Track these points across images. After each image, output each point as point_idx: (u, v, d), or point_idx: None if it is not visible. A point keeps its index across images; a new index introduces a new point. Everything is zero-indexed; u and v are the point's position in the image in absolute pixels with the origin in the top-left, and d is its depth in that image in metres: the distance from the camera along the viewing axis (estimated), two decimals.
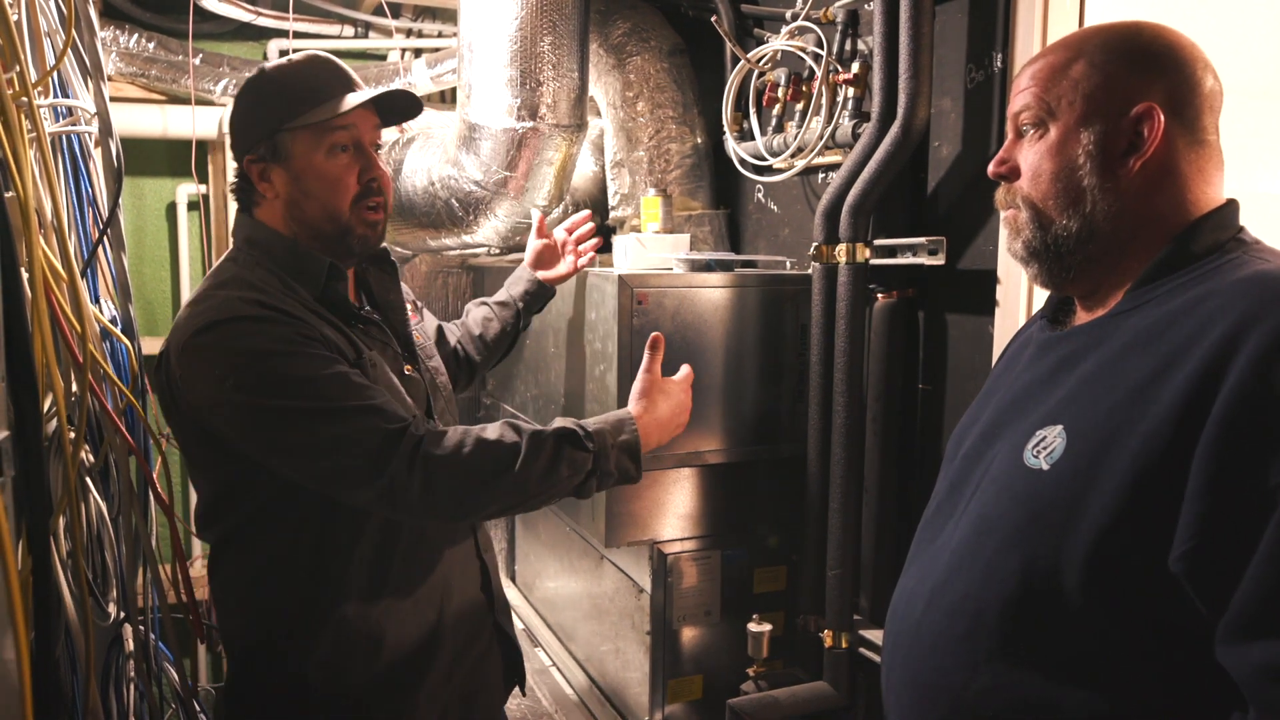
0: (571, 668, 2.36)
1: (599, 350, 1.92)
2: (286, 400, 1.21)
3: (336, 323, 1.34)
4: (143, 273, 3.32)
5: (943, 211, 1.78)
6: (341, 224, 1.34)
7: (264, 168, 1.33)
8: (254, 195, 1.36)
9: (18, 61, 1.38)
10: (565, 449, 1.28)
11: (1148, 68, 0.93)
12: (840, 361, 1.81)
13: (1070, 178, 0.95)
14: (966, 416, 1.14)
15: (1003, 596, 0.91)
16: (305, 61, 1.36)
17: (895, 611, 1.09)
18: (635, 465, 1.35)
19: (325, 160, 1.31)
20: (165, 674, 2.05)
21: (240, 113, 1.36)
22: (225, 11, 3.07)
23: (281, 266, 1.33)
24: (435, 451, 1.22)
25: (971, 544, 0.97)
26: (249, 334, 1.22)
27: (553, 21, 2.14)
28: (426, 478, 1.21)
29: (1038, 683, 0.88)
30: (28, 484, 1.26)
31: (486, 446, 1.25)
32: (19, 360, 1.22)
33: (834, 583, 1.84)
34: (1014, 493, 0.93)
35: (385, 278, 1.48)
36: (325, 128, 1.31)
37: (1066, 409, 0.92)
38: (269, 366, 1.21)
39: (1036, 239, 0.99)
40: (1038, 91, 0.97)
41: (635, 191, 2.42)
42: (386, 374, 1.36)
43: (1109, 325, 0.94)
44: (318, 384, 1.21)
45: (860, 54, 1.91)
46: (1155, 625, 0.83)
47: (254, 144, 1.33)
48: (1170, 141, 0.92)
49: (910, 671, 1.03)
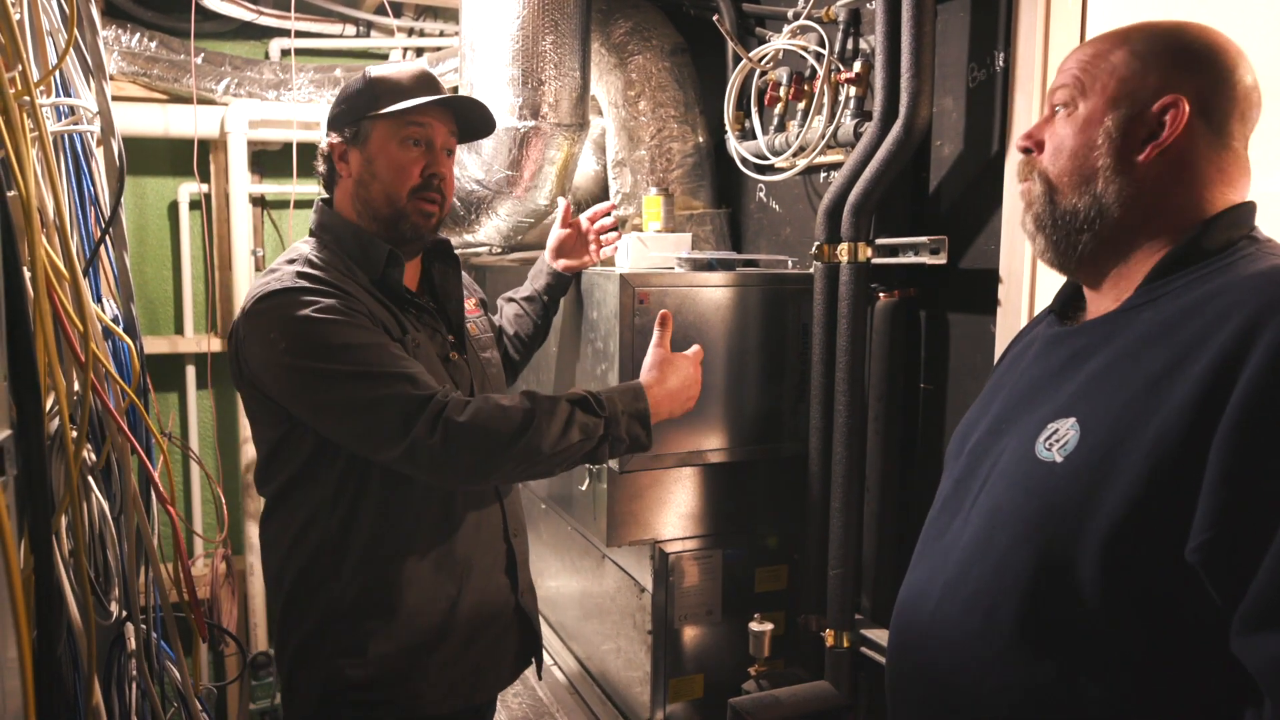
0: (573, 667, 2.36)
1: (600, 349, 1.92)
2: (329, 364, 1.32)
3: (387, 303, 1.44)
4: (144, 272, 3.33)
5: (945, 211, 1.78)
6: (398, 208, 1.46)
7: (345, 149, 1.47)
8: (334, 176, 1.51)
9: (20, 60, 1.38)
10: (577, 414, 1.36)
11: (1185, 63, 0.93)
12: (842, 361, 1.81)
13: (1086, 156, 0.96)
14: (971, 413, 1.14)
15: (1017, 590, 0.91)
16: (406, 68, 1.51)
17: (903, 608, 1.09)
18: (646, 432, 1.43)
19: (398, 149, 1.45)
20: (167, 673, 2.05)
21: (338, 101, 1.50)
22: (227, 11, 3.07)
23: (346, 250, 1.46)
24: (456, 417, 1.30)
25: (983, 538, 0.97)
26: (301, 304, 1.34)
27: (554, 21, 2.14)
28: (446, 440, 1.30)
29: (1053, 676, 0.88)
30: (30, 483, 1.26)
31: (503, 411, 1.33)
32: (21, 359, 1.23)
33: (835, 582, 1.84)
34: (1026, 485, 0.93)
35: (448, 270, 1.59)
36: (403, 121, 1.44)
37: (1079, 402, 0.92)
38: (316, 332, 1.32)
39: (1045, 213, 1.00)
40: (1075, 72, 0.98)
41: (637, 190, 2.42)
42: (429, 355, 1.46)
43: (1121, 320, 0.94)
44: (358, 351, 1.32)
45: (862, 53, 1.91)
46: (1170, 617, 0.83)
47: (342, 126, 1.47)
48: (1192, 137, 0.92)
49: (922, 667, 1.02)
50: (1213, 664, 0.81)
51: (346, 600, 1.43)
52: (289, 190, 3.33)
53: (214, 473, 3.41)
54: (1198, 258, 0.92)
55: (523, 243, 2.55)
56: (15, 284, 1.22)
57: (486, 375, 1.61)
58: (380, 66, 1.52)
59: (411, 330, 1.45)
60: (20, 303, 1.22)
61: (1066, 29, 1.56)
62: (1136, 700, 0.85)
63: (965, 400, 1.72)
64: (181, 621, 2.00)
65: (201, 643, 2.17)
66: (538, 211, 2.32)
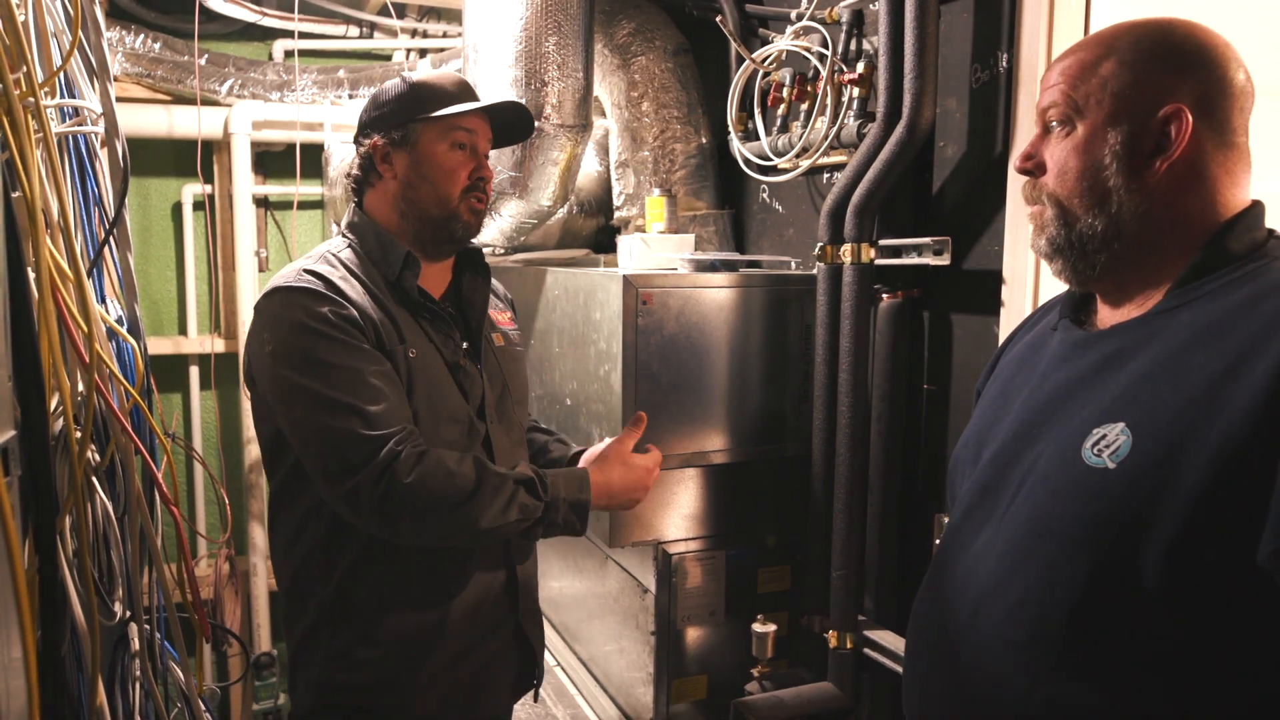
0: (576, 667, 2.36)
1: (604, 350, 1.92)
2: (301, 377, 1.32)
3: (391, 309, 1.43)
4: (148, 272, 3.33)
5: (948, 211, 1.78)
6: (450, 209, 1.47)
7: (390, 151, 1.47)
8: (370, 177, 1.51)
9: (24, 62, 1.38)
10: (521, 493, 1.37)
11: (1178, 67, 0.92)
12: (845, 362, 1.81)
13: (1096, 177, 0.94)
14: (980, 418, 1.12)
15: (1069, 600, 0.89)
16: (446, 75, 1.54)
17: (928, 620, 1.06)
18: (581, 522, 1.44)
19: (447, 152, 1.47)
20: (170, 673, 2.06)
21: (378, 103, 1.50)
22: (230, 12, 3.07)
23: (368, 250, 1.48)
24: (403, 477, 1.30)
25: (1025, 547, 0.94)
26: (296, 306, 1.35)
27: (557, 22, 2.14)
28: (388, 496, 1.29)
29: (1105, 689, 0.86)
30: (34, 483, 1.27)
31: (450, 479, 1.33)
32: (26, 360, 1.23)
33: (838, 583, 1.84)
34: (1075, 493, 0.90)
35: (477, 279, 1.59)
36: (450, 125, 1.47)
37: (1127, 406, 0.89)
38: (298, 341, 1.33)
39: (1061, 236, 0.98)
40: (1066, 89, 0.96)
41: (640, 191, 2.42)
42: (430, 366, 1.45)
43: (1156, 322, 0.93)
44: (330, 371, 1.32)
45: (865, 54, 1.90)
46: (1233, 626, 0.82)
47: (387, 128, 1.47)
48: (1199, 143, 0.91)
49: (955, 681, 0.99)
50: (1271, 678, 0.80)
51: (336, 605, 1.43)
52: (292, 191, 3.33)
53: (217, 473, 3.41)
54: (1223, 261, 0.91)
55: (525, 244, 2.56)
56: (20, 285, 1.22)
57: (508, 386, 1.59)
58: (416, 73, 1.55)
59: (413, 340, 1.44)
60: (25, 303, 1.23)
61: (1070, 29, 1.55)
62: (1193, 709, 0.83)
63: (969, 401, 1.72)
64: (185, 622, 2.00)
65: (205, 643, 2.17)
66: (540, 212, 2.32)
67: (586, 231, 2.75)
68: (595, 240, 2.77)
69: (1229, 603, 0.82)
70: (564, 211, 2.57)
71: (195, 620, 1.86)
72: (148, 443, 1.85)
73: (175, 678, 2.06)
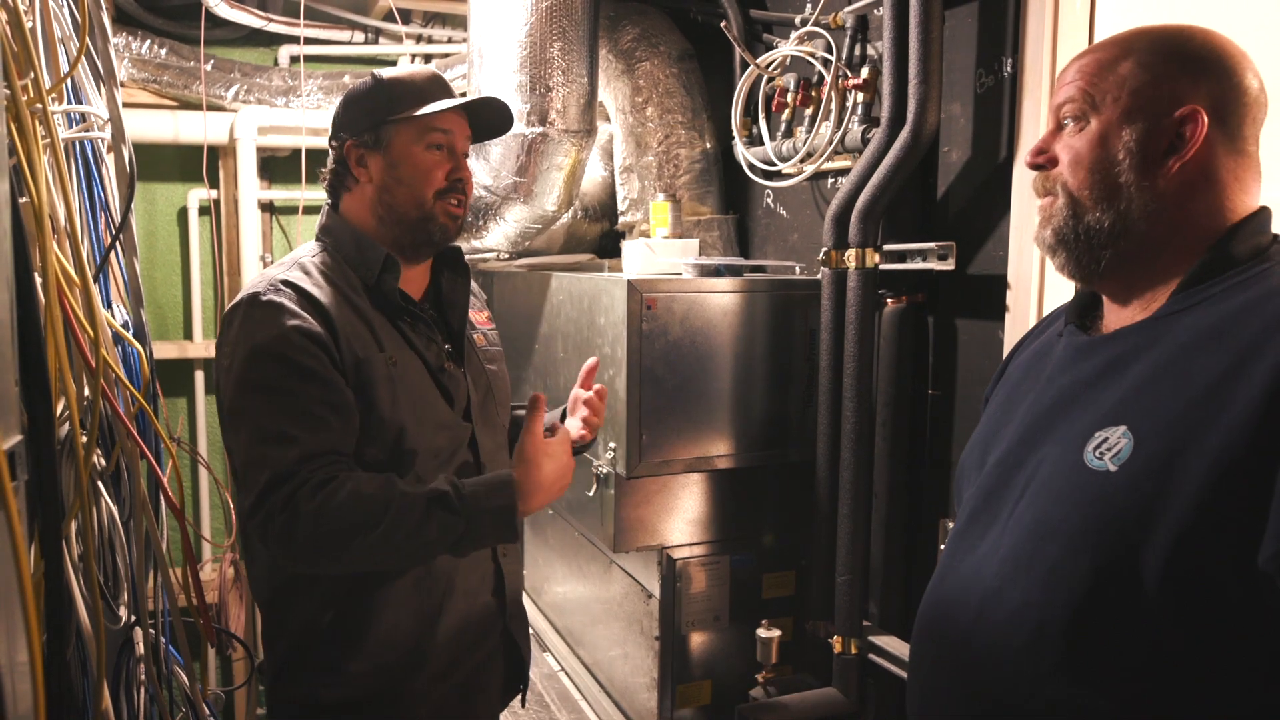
0: (580, 672, 2.36)
1: (608, 355, 1.92)
2: (244, 396, 1.29)
3: (368, 315, 1.39)
4: (154, 277, 3.34)
5: (952, 217, 1.78)
6: (426, 211, 1.43)
7: (363, 153, 1.43)
8: (346, 180, 1.46)
9: (32, 68, 1.39)
10: (436, 512, 1.28)
11: (1195, 71, 0.93)
12: (850, 367, 1.81)
13: (1108, 172, 0.95)
14: (986, 424, 1.12)
15: (1071, 603, 0.89)
16: (418, 71, 1.48)
17: (931, 624, 1.06)
18: (511, 529, 1.33)
19: (422, 153, 1.42)
20: (175, 677, 2.06)
21: (349, 104, 1.46)
22: (236, 18, 3.08)
23: (344, 254, 1.43)
24: (305, 504, 1.24)
25: (1028, 550, 0.94)
26: (257, 319, 1.31)
27: (562, 27, 2.15)
28: (288, 523, 1.24)
29: (1107, 692, 0.87)
30: (40, 488, 1.27)
31: (357, 502, 1.26)
32: (32, 365, 1.23)
33: (843, 588, 1.84)
34: (1077, 496, 0.91)
35: (456, 280, 1.56)
36: (425, 125, 1.42)
37: (1128, 409, 0.90)
38: (252, 359, 1.29)
39: (1067, 227, 0.98)
40: (1083, 85, 0.97)
41: (644, 196, 2.42)
42: (413, 373, 1.41)
43: (1159, 326, 0.93)
44: (275, 397, 1.28)
45: (870, 59, 1.91)
46: (1234, 629, 0.82)
47: (360, 130, 1.43)
48: (1211, 147, 0.92)
49: (959, 685, 1.00)
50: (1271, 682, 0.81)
51: (321, 618, 1.38)
52: (298, 196, 3.34)
53: (222, 478, 3.42)
54: (1228, 264, 0.91)
55: (530, 248, 2.56)
56: (26, 290, 1.22)
57: (491, 388, 1.56)
58: (387, 70, 1.49)
59: (392, 347, 1.39)
60: (31, 308, 1.23)
61: (1074, 35, 1.55)
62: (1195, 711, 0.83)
63: (974, 406, 1.72)
64: (190, 626, 2.01)
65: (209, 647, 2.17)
66: (545, 217, 2.32)
67: (591, 236, 2.75)
68: (600, 245, 2.78)
69: (1230, 605, 0.82)
70: (568, 216, 2.58)
71: (200, 624, 1.86)
72: (153, 447, 1.85)
73: (180, 682, 2.06)
